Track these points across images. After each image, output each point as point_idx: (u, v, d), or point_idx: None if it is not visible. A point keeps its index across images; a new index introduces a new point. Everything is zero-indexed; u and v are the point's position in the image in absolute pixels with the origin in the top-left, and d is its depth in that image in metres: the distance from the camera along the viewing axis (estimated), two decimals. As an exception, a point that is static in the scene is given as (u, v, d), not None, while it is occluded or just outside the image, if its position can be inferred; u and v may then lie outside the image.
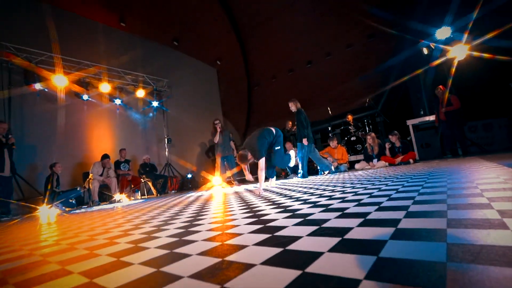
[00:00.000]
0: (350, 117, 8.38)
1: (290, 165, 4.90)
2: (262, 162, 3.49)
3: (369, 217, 1.15)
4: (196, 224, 1.57)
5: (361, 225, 1.03)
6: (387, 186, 2.14)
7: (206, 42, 9.78)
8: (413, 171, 3.26)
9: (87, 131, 7.13)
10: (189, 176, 8.87)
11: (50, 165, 5.60)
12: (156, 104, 8.69)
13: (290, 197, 2.29)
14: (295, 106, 5.84)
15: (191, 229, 1.44)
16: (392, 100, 9.56)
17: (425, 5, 6.60)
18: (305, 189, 2.83)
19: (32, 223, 3.22)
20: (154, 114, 8.85)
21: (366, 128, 8.47)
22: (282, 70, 10.99)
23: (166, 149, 8.70)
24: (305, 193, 2.44)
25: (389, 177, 2.90)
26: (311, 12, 8.64)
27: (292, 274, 0.65)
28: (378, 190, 1.98)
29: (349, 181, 3.09)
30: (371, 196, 1.73)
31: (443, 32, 5.98)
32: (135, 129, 8.30)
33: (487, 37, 4.99)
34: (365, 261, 0.67)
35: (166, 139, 8.68)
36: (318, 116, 10.50)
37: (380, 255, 0.70)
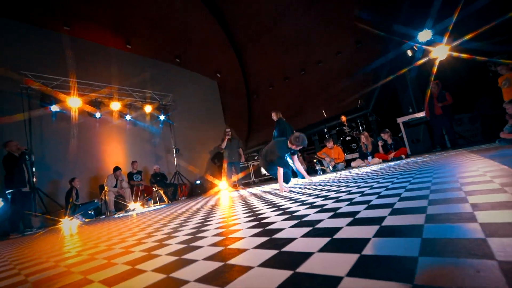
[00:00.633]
0: (344, 118, 8.41)
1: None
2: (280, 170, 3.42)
3: (358, 216, 1.18)
4: (203, 230, 1.62)
5: (350, 224, 1.07)
6: (378, 184, 2.17)
7: (206, 57, 9.92)
8: (404, 167, 3.28)
9: (101, 146, 7.25)
10: (198, 182, 8.93)
11: (70, 180, 5.69)
12: (163, 118, 8.80)
13: (290, 199, 2.32)
14: (277, 116, 6.00)
15: (198, 235, 1.48)
16: (382, 100, 9.58)
17: (408, 10, 6.66)
18: (304, 190, 2.86)
19: (55, 235, 3.29)
20: (161, 127, 8.96)
21: (360, 128, 8.50)
22: (278, 79, 11.08)
23: (175, 159, 8.78)
24: (303, 194, 2.47)
25: (381, 174, 2.92)
26: (302, 23, 8.74)
27: (285, 275, 0.69)
28: (370, 188, 2.01)
29: (345, 180, 3.12)
30: (363, 195, 1.76)
31: (425, 35, 6.04)
32: (145, 142, 8.41)
33: (465, 39, 5.03)
34: (349, 259, 0.71)
35: (174, 149, 8.77)
36: (315, 119, 10.55)
37: (363, 253, 0.74)
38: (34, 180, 5.50)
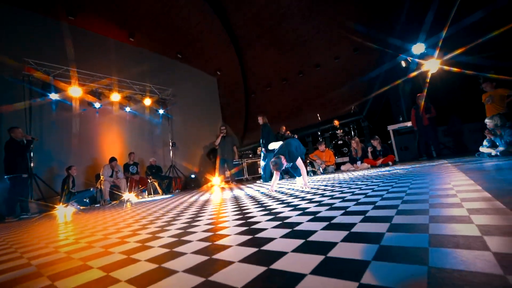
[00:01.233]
0: (337, 122, 8.55)
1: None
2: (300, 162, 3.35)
3: (333, 221, 1.30)
4: (194, 225, 1.72)
5: (324, 229, 1.18)
6: (361, 190, 2.29)
7: (207, 55, 9.94)
8: (388, 174, 3.42)
9: (99, 137, 7.26)
10: (192, 177, 9.01)
11: (67, 168, 5.72)
12: (162, 112, 8.83)
13: (277, 199, 2.43)
14: (263, 120, 6.11)
15: (189, 230, 1.58)
16: (376, 107, 9.75)
17: (403, 23, 6.80)
18: (293, 191, 2.98)
19: (51, 222, 3.35)
20: (160, 121, 8.99)
21: (352, 133, 8.65)
22: (276, 79, 11.16)
23: (171, 152, 8.84)
24: (290, 196, 2.59)
25: (366, 180, 3.05)
26: (303, 26, 8.82)
27: (260, 270, 0.80)
28: (351, 194, 2.13)
29: (331, 184, 3.25)
30: (343, 200, 1.88)
31: (418, 48, 6.18)
32: (143, 135, 8.43)
33: (455, 53, 5.19)
34: (315, 260, 0.82)
35: (171, 143, 8.82)
36: (309, 121, 10.68)
37: (328, 255, 0.85)
38: (32, 166, 5.52)
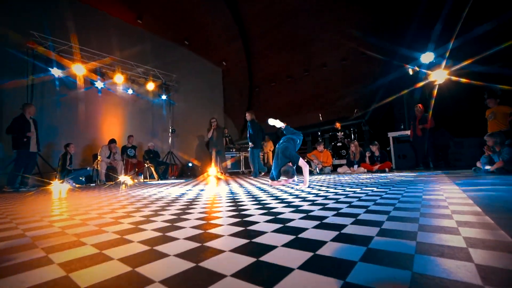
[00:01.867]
0: (338, 125, 8.57)
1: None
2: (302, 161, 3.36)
3: (325, 221, 1.32)
4: (188, 213, 1.75)
5: (316, 227, 1.21)
6: (354, 194, 2.32)
7: (215, 44, 9.86)
8: (383, 181, 3.46)
9: (100, 117, 7.25)
10: (190, 165, 9.04)
11: (65, 145, 5.73)
12: (164, 97, 8.80)
13: (271, 195, 2.46)
14: (251, 117, 6.18)
15: (183, 217, 1.61)
16: (378, 113, 9.75)
17: (412, 33, 6.76)
18: (288, 188, 3.01)
19: (47, 196, 3.38)
20: (162, 106, 8.96)
21: (352, 136, 8.68)
22: (281, 76, 11.11)
23: (170, 138, 8.84)
24: (285, 193, 2.62)
25: (361, 185, 3.09)
26: (312, 25, 8.74)
27: (249, 261, 0.82)
28: (345, 197, 2.16)
29: (326, 185, 3.28)
30: (337, 202, 1.91)
31: (427, 57, 6.16)
32: (143, 118, 8.42)
33: (464, 64, 5.18)
34: (304, 256, 0.84)
35: (171, 130, 8.81)
36: (311, 120, 10.67)
37: (317, 252, 0.87)
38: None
